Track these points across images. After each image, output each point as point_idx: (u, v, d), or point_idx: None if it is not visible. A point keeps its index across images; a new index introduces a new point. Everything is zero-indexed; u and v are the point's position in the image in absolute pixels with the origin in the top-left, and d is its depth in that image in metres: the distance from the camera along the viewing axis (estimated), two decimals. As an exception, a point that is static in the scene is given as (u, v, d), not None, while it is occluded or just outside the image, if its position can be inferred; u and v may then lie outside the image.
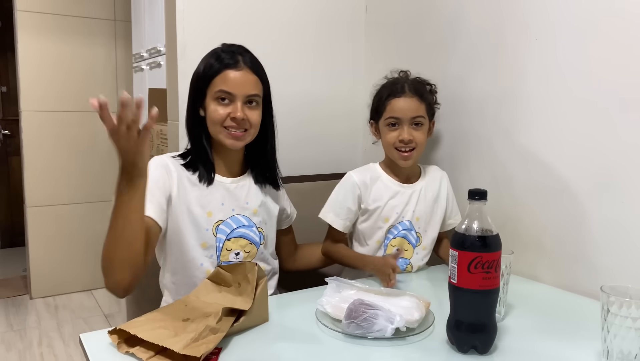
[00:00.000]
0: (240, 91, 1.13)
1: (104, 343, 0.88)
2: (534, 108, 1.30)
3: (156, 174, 1.10)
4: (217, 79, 1.13)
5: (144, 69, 2.72)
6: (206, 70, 1.14)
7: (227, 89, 1.12)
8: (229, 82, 1.12)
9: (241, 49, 1.17)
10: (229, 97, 1.13)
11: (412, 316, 0.94)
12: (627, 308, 0.77)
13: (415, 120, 1.29)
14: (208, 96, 1.15)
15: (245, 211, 1.20)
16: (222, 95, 1.13)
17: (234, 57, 1.14)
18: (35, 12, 2.98)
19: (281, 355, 0.87)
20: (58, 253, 3.16)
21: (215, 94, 1.13)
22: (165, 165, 1.14)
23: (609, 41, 1.13)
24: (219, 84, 1.12)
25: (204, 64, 1.16)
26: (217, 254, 1.16)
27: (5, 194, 4.15)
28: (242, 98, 1.13)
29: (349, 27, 1.85)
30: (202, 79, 1.15)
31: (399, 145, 1.30)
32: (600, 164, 1.16)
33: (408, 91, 1.30)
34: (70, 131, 3.16)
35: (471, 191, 0.87)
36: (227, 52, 1.15)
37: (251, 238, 1.20)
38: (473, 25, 1.46)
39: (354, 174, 1.37)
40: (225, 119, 1.13)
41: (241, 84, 1.13)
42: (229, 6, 1.61)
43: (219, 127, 1.14)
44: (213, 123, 1.14)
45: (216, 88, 1.13)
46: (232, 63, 1.13)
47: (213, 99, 1.14)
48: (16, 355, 2.43)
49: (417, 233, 1.35)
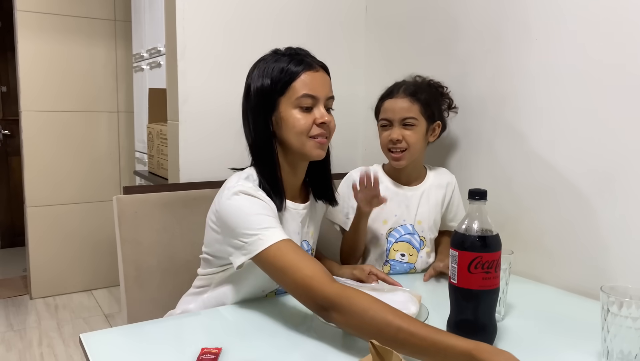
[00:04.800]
0: (322, 92, 1.04)
1: (104, 343, 0.88)
2: (534, 108, 1.30)
3: (263, 204, 1.00)
4: (297, 83, 1.01)
5: (144, 69, 2.73)
6: (277, 77, 1.02)
7: (311, 92, 1.02)
8: (311, 85, 1.02)
9: (303, 50, 1.08)
10: (313, 101, 1.03)
11: (409, 310, 0.96)
12: (627, 308, 0.77)
13: (405, 120, 1.29)
14: (284, 105, 1.03)
15: (307, 235, 1.17)
16: (306, 100, 1.02)
17: (305, 59, 1.05)
18: (35, 12, 2.98)
19: (281, 354, 0.87)
20: (58, 253, 3.16)
21: (297, 101, 1.02)
22: (263, 197, 1.02)
23: (609, 41, 1.13)
24: (300, 88, 1.01)
25: (270, 73, 1.03)
26: None
27: (5, 194, 4.15)
28: (324, 101, 1.04)
29: (349, 27, 1.85)
30: (273, 88, 1.02)
31: (390, 145, 1.31)
32: (600, 164, 1.16)
33: (401, 92, 1.30)
34: (70, 131, 3.16)
35: (471, 191, 0.87)
36: (292, 54, 1.05)
37: None
38: (473, 25, 1.46)
39: (355, 173, 1.38)
40: (312, 127, 1.03)
41: (321, 85, 1.04)
42: (229, 6, 1.60)
43: (305, 138, 1.03)
44: (299, 134, 1.03)
45: (298, 94, 1.01)
46: (309, 65, 1.04)
47: (293, 107, 1.02)
48: (16, 355, 2.43)
49: (421, 237, 1.35)
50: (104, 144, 3.29)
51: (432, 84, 1.39)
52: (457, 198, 1.40)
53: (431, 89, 1.37)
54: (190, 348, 0.86)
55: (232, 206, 0.99)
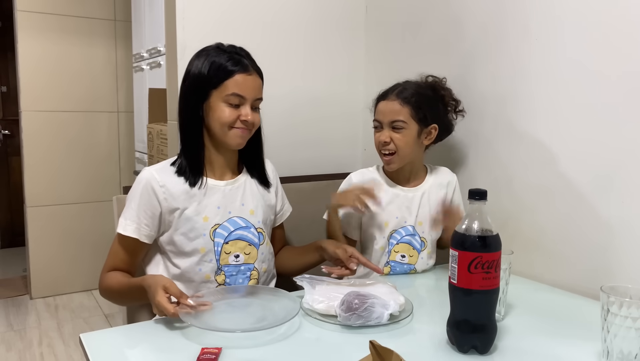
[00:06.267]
0: (250, 94, 1.15)
1: (104, 343, 0.88)
2: (534, 108, 1.30)
3: (139, 198, 1.14)
4: (229, 82, 1.12)
5: (144, 69, 2.73)
6: (213, 71, 1.13)
7: (240, 92, 1.13)
8: (242, 86, 1.13)
9: (244, 52, 1.18)
10: (240, 100, 1.14)
11: (398, 300, 1.01)
12: (627, 308, 0.77)
13: (393, 124, 1.28)
14: (214, 97, 1.14)
15: (242, 212, 1.21)
16: (234, 98, 1.13)
17: (241, 61, 1.14)
18: (35, 12, 2.98)
19: (281, 354, 0.87)
20: (58, 253, 3.16)
21: (227, 97, 1.13)
22: (149, 186, 1.14)
23: (609, 41, 1.13)
24: (231, 87, 1.12)
25: (209, 64, 1.14)
26: (216, 258, 1.16)
27: (5, 194, 4.15)
28: (251, 101, 1.15)
29: (348, 27, 1.85)
30: (209, 80, 1.13)
31: (380, 147, 1.31)
32: (600, 164, 1.16)
33: (393, 95, 1.29)
34: (70, 131, 3.16)
35: (471, 191, 0.87)
36: (231, 53, 1.15)
37: (249, 239, 1.20)
38: (473, 25, 1.46)
39: (354, 176, 1.38)
40: (235, 121, 1.14)
41: (251, 88, 1.15)
42: (229, 6, 1.61)
43: (226, 128, 1.15)
44: (221, 124, 1.14)
45: (228, 91, 1.13)
46: (244, 67, 1.14)
47: (222, 100, 1.13)
48: (16, 355, 2.43)
49: (422, 238, 1.35)
50: (104, 144, 3.29)
51: (436, 86, 1.37)
52: (457, 197, 1.40)
53: (432, 92, 1.34)
54: (190, 348, 0.86)
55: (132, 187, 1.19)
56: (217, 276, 1.16)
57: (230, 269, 1.17)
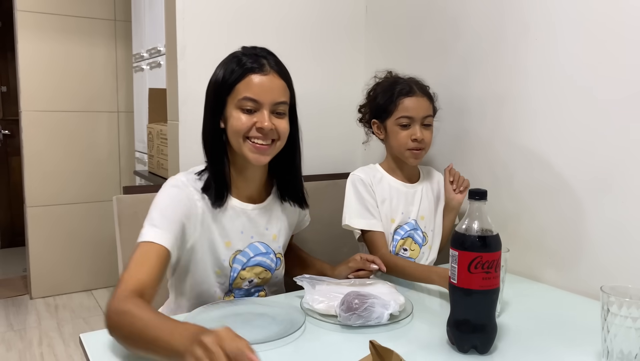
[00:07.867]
0: (267, 98, 1.01)
1: (104, 343, 0.87)
2: (534, 108, 1.30)
3: (177, 203, 1.01)
4: (240, 85, 1.01)
5: (144, 69, 2.73)
6: (227, 76, 1.02)
7: (253, 95, 1.00)
8: (254, 88, 1.00)
9: (265, 51, 1.06)
10: (255, 105, 1.01)
11: (398, 300, 1.01)
12: (627, 308, 0.77)
13: (425, 120, 1.29)
14: (230, 105, 1.03)
15: (264, 237, 1.13)
16: (247, 103, 1.00)
17: (258, 60, 1.02)
18: (35, 12, 2.98)
19: (281, 354, 0.87)
20: (58, 253, 3.16)
21: (239, 102, 1.01)
22: (190, 195, 1.03)
23: (609, 41, 1.13)
24: (242, 90, 1.00)
25: (224, 70, 1.03)
26: (229, 282, 1.10)
27: (5, 194, 4.15)
28: (269, 106, 1.01)
29: (349, 27, 1.85)
30: (223, 86, 1.03)
31: (412, 145, 1.28)
32: (600, 164, 1.16)
33: (418, 90, 1.29)
34: (71, 131, 3.16)
35: (471, 191, 0.87)
36: (249, 55, 1.04)
37: (267, 265, 1.14)
38: (473, 25, 1.46)
39: (360, 173, 1.34)
40: (250, 129, 1.01)
41: (268, 90, 1.01)
42: (229, 6, 1.61)
43: (242, 139, 1.02)
44: (236, 134, 1.02)
45: (240, 95, 1.00)
46: (257, 67, 1.01)
47: (236, 107, 1.02)
48: (16, 355, 2.43)
49: (423, 233, 1.36)
50: (104, 144, 3.29)
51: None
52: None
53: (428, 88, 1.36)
54: (190, 348, 0.86)
55: (157, 195, 1.03)
56: (226, 296, 1.12)
57: (241, 292, 1.13)
